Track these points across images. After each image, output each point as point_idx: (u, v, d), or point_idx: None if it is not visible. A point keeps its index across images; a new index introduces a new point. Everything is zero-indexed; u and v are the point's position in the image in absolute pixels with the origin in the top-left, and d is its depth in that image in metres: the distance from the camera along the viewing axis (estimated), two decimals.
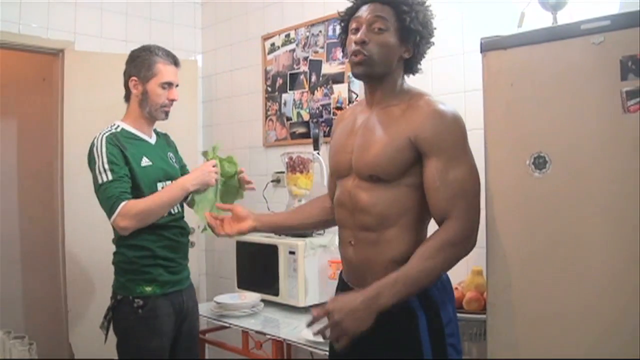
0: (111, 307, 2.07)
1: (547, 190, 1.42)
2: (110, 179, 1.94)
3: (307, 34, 3.01)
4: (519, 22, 1.87)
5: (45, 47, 3.06)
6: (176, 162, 2.24)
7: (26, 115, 3.92)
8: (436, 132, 1.40)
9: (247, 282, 2.77)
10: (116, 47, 3.30)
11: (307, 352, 2.33)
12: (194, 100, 3.52)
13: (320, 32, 2.94)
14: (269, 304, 2.61)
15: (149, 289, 2.03)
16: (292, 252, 2.48)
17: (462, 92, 2.28)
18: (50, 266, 3.28)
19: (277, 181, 3.13)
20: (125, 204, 1.92)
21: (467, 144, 1.44)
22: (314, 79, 2.98)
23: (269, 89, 3.26)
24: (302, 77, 3.05)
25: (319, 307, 1.38)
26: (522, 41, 1.47)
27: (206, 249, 3.67)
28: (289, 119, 3.13)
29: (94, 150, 2.00)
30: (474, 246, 1.41)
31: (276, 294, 2.57)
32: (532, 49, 1.45)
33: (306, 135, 3.01)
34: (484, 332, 1.60)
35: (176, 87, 2.14)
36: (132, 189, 1.98)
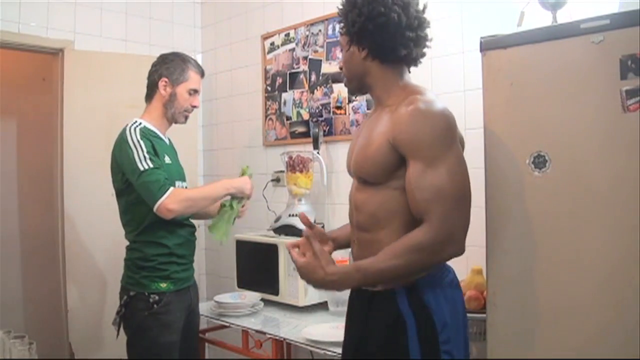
0: (124, 304, 2.11)
1: (546, 189, 1.42)
2: (152, 166, 2.02)
3: (307, 33, 3.01)
4: (518, 21, 1.87)
5: (45, 46, 3.06)
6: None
7: (26, 114, 3.92)
8: (413, 133, 1.36)
9: (247, 281, 2.77)
10: (116, 46, 3.31)
11: (307, 352, 2.33)
12: None
13: (319, 31, 2.94)
14: (269, 303, 2.61)
15: (164, 285, 2.11)
16: None
17: (461, 91, 2.28)
18: (50, 266, 3.28)
19: (276, 180, 3.13)
20: (174, 189, 2.04)
21: (451, 145, 1.36)
22: (313, 78, 2.98)
23: (269, 88, 3.26)
24: (301, 76, 3.05)
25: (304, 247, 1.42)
26: (521, 40, 1.47)
27: (206, 248, 3.67)
28: (288, 118, 3.13)
29: (128, 140, 2.06)
30: (456, 251, 1.35)
31: (276, 293, 2.57)
32: (531, 48, 1.45)
33: (306, 134, 3.01)
34: (484, 331, 1.60)
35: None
36: None
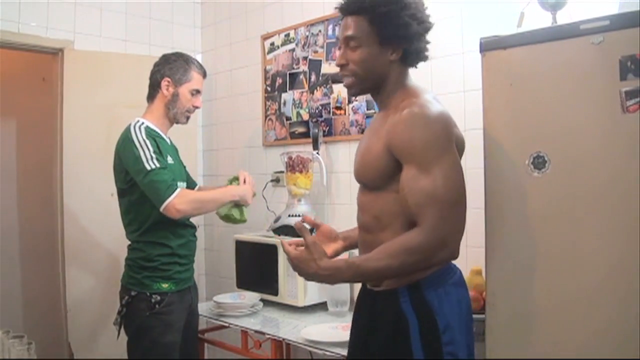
0: (125, 304, 2.11)
1: (546, 189, 1.42)
2: (158, 165, 2.03)
3: (307, 33, 3.01)
4: (518, 22, 1.87)
5: (44, 46, 3.06)
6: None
7: (25, 114, 3.92)
8: (407, 138, 1.35)
9: (246, 281, 2.77)
10: (116, 46, 3.31)
11: (307, 352, 2.33)
12: None
13: (319, 31, 2.94)
14: (268, 304, 2.61)
15: (165, 285, 2.12)
16: None
17: (461, 92, 2.28)
18: (49, 265, 3.27)
19: (276, 181, 3.13)
20: (182, 189, 2.06)
21: (446, 149, 1.35)
22: (313, 78, 2.98)
23: (269, 89, 3.26)
24: (301, 76, 3.05)
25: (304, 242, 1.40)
26: (521, 41, 1.47)
27: (205, 248, 3.67)
28: (288, 119, 3.13)
29: (134, 139, 2.06)
30: (449, 256, 1.37)
31: (275, 293, 2.57)
32: (531, 48, 1.45)
33: (306, 134, 3.01)
34: (483, 332, 1.60)
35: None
36: None
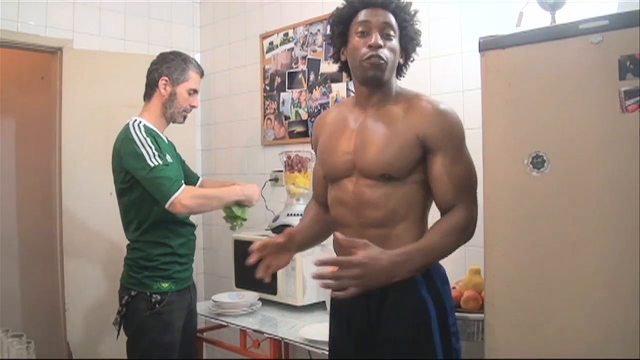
0: (125, 303, 2.11)
1: (545, 189, 1.42)
2: (161, 162, 2.03)
3: (306, 32, 3.01)
4: (517, 21, 1.87)
5: (43, 45, 3.06)
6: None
7: (24, 113, 3.92)
8: (443, 130, 1.49)
9: (245, 281, 2.76)
10: (115, 45, 3.30)
11: (305, 351, 2.33)
12: None
13: (318, 30, 2.94)
14: (267, 303, 2.61)
15: (165, 285, 2.12)
16: None
17: (460, 92, 2.28)
18: (48, 265, 3.27)
19: (275, 180, 3.13)
20: (187, 186, 2.05)
21: (465, 141, 1.54)
22: (312, 77, 2.98)
23: (267, 88, 3.26)
24: (300, 76, 3.05)
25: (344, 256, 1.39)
26: (520, 40, 1.47)
27: (204, 247, 3.67)
28: (287, 118, 3.13)
29: (134, 137, 2.06)
30: (471, 237, 1.51)
31: (274, 293, 2.57)
32: (530, 48, 1.45)
33: (304, 134, 3.01)
34: (482, 331, 1.60)
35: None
36: None
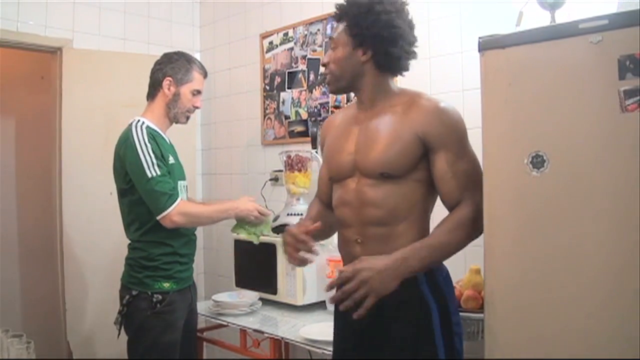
0: (126, 303, 2.11)
1: (545, 189, 1.42)
2: (159, 173, 2.03)
3: (306, 32, 3.01)
4: (517, 21, 1.87)
5: (43, 45, 3.06)
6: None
7: (24, 113, 3.92)
8: (444, 127, 1.50)
9: (245, 280, 2.77)
10: (114, 45, 3.31)
11: (305, 351, 2.33)
12: None
13: (318, 30, 2.94)
14: (267, 303, 2.61)
15: (167, 284, 2.12)
16: None
17: (460, 91, 2.28)
18: (48, 264, 3.27)
19: (275, 180, 3.13)
20: (181, 202, 2.06)
21: (467, 137, 1.56)
22: (312, 77, 2.98)
23: (267, 88, 3.26)
24: (300, 75, 3.05)
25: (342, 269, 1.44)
26: (520, 40, 1.47)
27: (204, 247, 3.67)
28: (287, 118, 3.13)
29: (135, 141, 2.05)
30: (481, 232, 1.49)
31: (274, 292, 2.57)
32: (530, 48, 1.45)
33: (304, 133, 3.01)
34: (482, 331, 1.60)
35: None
36: None
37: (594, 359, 1.33)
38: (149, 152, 2.03)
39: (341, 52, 1.57)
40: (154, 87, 2.22)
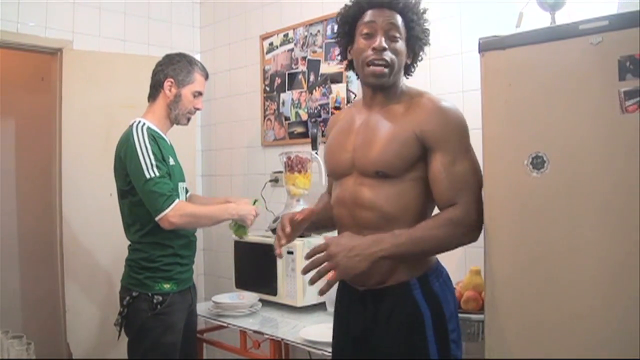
0: (126, 304, 2.11)
1: (545, 190, 1.42)
2: (158, 174, 2.03)
3: (306, 33, 3.01)
4: (517, 22, 1.87)
5: (43, 46, 3.06)
6: None
7: (24, 114, 3.92)
8: (442, 127, 1.47)
9: (245, 281, 2.77)
10: (114, 46, 3.31)
11: (305, 352, 2.33)
12: None
13: (318, 31, 2.94)
14: (267, 304, 2.61)
15: (167, 286, 2.12)
16: (290, 252, 2.48)
17: (460, 92, 2.28)
18: (48, 266, 3.27)
19: (275, 181, 3.13)
20: (179, 202, 2.06)
21: (469, 139, 1.51)
22: (312, 78, 2.98)
23: (267, 89, 3.26)
24: (300, 76, 3.05)
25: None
26: (520, 41, 1.47)
27: (204, 248, 3.67)
28: (287, 119, 3.13)
29: (135, 142, 2.06)
30: (477, 236, 1.47)
31: (274, 293, 2.57)
32: (530, 49, 1.45)
33: (304, 134, 3.01)
34: (482, 332, 1.60)
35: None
36: None
37: (594, 359, 1.33)
38: (148, 153, 2.04)
39: (402, 46, 1.53)
40: (155, 88, 2.22)
